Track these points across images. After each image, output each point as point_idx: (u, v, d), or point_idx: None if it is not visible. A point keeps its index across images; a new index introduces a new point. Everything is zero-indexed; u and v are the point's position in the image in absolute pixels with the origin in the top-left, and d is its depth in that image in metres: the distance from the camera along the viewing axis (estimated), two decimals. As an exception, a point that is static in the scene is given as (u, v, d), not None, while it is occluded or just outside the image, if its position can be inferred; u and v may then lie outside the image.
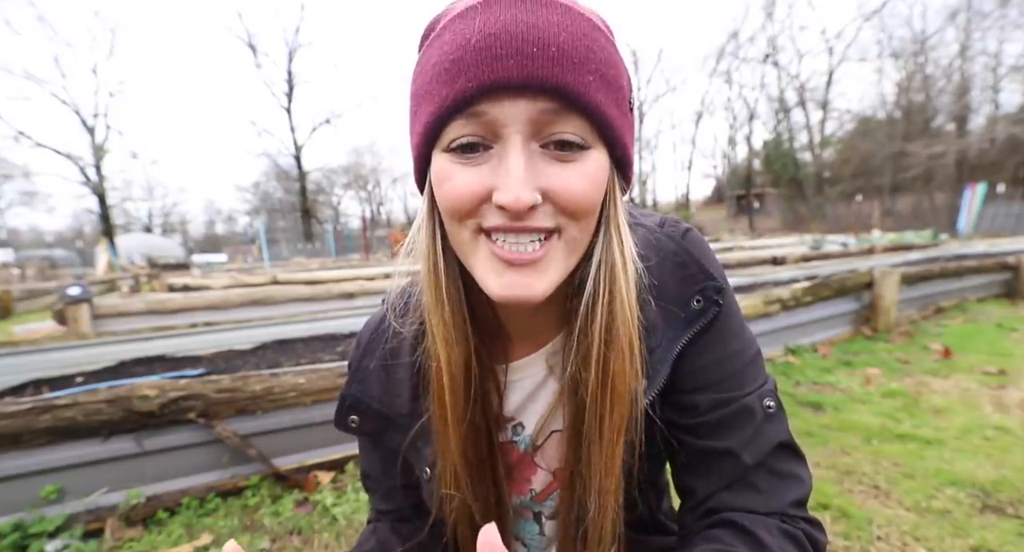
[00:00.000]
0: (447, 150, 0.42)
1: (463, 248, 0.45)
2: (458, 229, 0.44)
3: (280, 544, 1.61)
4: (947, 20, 23.79)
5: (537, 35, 0.37)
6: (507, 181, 0.39)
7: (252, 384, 1.85)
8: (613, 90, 0.42)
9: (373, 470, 0.65)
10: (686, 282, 0.51)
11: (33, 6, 27.76)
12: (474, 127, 0.40)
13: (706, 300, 0.50)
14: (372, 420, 0.59)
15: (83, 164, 26.22)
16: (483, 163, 0.41)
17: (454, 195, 0.42)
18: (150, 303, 5.11)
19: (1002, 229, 16.57)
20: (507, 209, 0.39)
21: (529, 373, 0.57)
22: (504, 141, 0.40)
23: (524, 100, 0.38)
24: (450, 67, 0.39)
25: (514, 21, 0.37)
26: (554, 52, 0.38)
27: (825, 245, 10.34)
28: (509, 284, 0.42)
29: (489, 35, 0.37)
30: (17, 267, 16.44)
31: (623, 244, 0.46)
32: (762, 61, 31.37)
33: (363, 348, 0.60)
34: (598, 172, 0.42)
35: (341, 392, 0.60)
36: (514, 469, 0.60)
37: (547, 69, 0.37)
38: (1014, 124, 20.17)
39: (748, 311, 3.11)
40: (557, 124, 0.40)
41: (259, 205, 39.00)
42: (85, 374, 2.54)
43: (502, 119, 0.39)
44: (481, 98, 0.38)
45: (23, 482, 1.63)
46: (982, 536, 1.47)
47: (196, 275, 10.75)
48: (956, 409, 2.41)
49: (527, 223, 0.41)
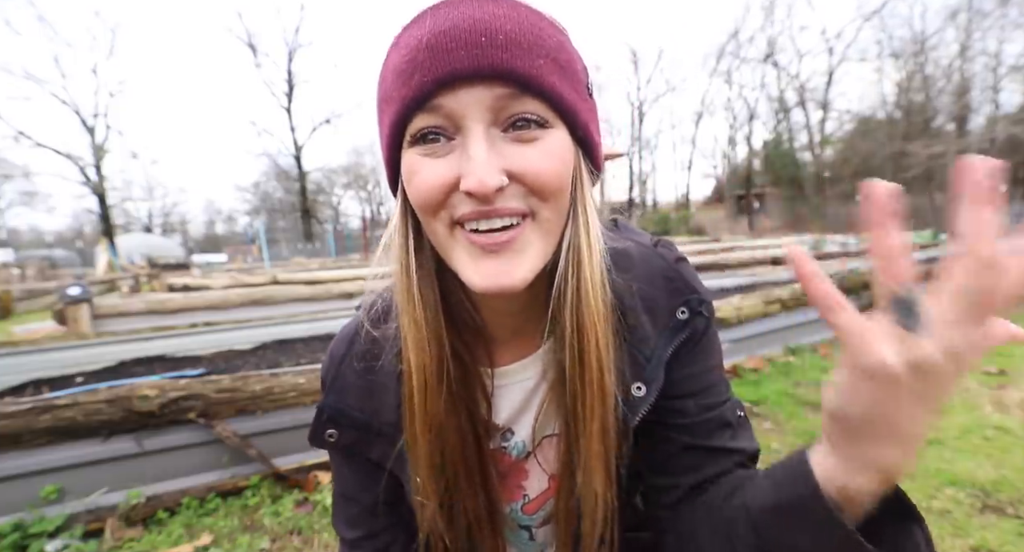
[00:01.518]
0: (412, 145, 0.43)
1: (441, 243, 0.45)
2: (433, 223, 0.44)
3: (280, 544, 1.61)
4: (947, 20, 23.80)
5: (484, 27, 0.39)
6: (471, 166, 0.40)
7: (252, 384, 1.85)
8: (567, 74, 0.43)
9: (349, 489, 0.61)
10: (673, 295, 0.53)
11: (33, 6, 27.75)
12: (435, 119, 0.41)
13: (691, 311, 0.53)
14: (353, 431, 0.56)
15: (83, 164, 26.24)
16: (448, 153, 0.42)
17: (423, 187, 0.42)
18: (150, 303, 5.11)
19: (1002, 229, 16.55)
20: (475, 194, 0.40)
21: (519, 379, 0.56)
22: (465, 130, 0.41)
23: (479, 88, 0.40)
24: (406, 68, 0.41)
25: (461, 17, 0.40)
26: (502, 40, 0.39)
27: (825, 245, 10.34)
28: (489, 274, 0.43)
29: (439, 33, 0.39)
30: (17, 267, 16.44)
31: (589, 226, 0.47)
32: (762, 61, 31.39)
33: (339, 358, 0.57)
34: (561, 150, 0.43)
35: (317, 405, 0.56)
36: (506, 476, 0.59)
37: (496, 56, 0.39)
38: (1014, 124, 20.17)
39: (748, 311, 3.12)
40: (514, 107, 0.41)
41: (259, 205, 39.01)
42: (85, 374, 2.54)
43: (460, 109, 0.40)
44: (438, 91, 0.40)
45: (23, 482, 1.63)
46: (982, 536, 1.47)
47: (196, 275, 10.76)
48: (956, 409, 2.41)
49: (498, 206, 0.42)
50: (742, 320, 3.10)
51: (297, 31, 30.25)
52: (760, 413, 2.46)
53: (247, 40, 29.10)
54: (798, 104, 30.35)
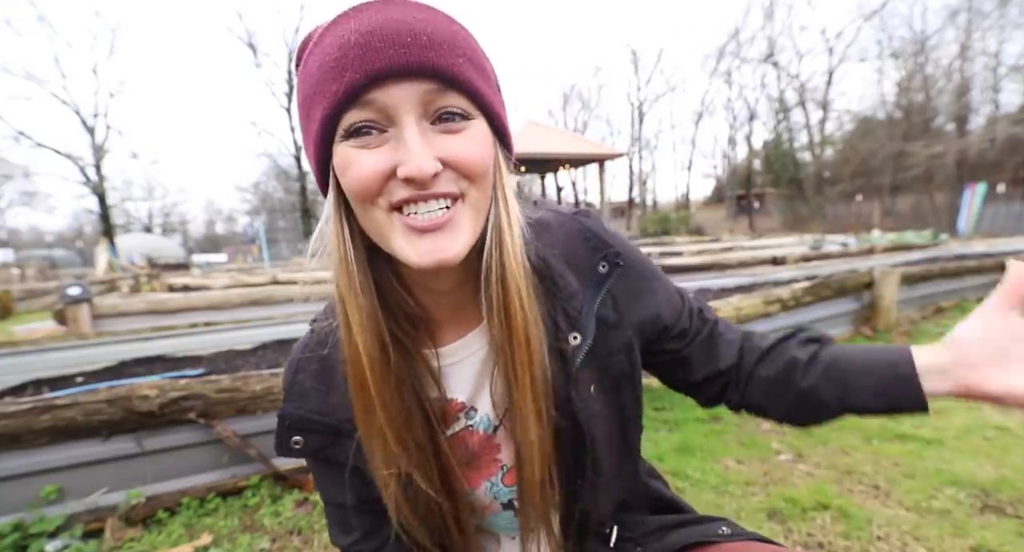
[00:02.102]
0: (345, 138, 0.45)
1: (378, 229, 0.47)
2: (371, 210, 0.46)
3: (280, 544, 1.61)
4: (947, 20, 23.79)
5: (408, 29, 0.43)
6: (409, 155, 0.43)
7: (252, 384, 1.85)
8: (480, 71, 0.48)
9: (332, 493, 0.61)
10: (592, 252, 0.60)
11: (33, 6, 27.72)
12: (367, 114, 0.44)
13: (609, 264, 0.59)
14: (317, 436, 0.57)
15: (83, 164, 26.18)
16: (381, 145, 0.45)
17: (360, 176, 0.44)
18: (150, 303, 5.11)
19: (1002, 229, 16.57)
20: (414, 179, 0.43)
21: (467, 354, 0.59)
22: (398, 122, 0.44)
23: (408, 83, 0.43)
24: (335, 65, 0.43)
25: (386, 19, 0.43)
26: (425, 41, 0.43)
27: (825, 245, 10.34)
28: (427, 251, 0.46)
29: (367, 33, 0.42)
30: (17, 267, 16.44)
31: (508, 205, 0.52)
32: (762, 61, 31.38)
33: (295, 366, 0.59)
34: (483, 138, 0.48)
35: (278, 414, 0.58)
36: (479, 455, 0.61)
37: (423, 55, 0.43)
38: (1014, 124, 20.15)
39: (748, 311, 3.12)
40: (440, 101, 0.45)
41: (259, 205, 38.98)
42: (85, 374, 2.54)
43: (392, 103, 0.43)
44: (370, 87, 0.43)
45: (23, 482, 1.63)
46: (982, 536, 1.47)
47: (196, 275, 10.76)
48: (956, 409, 2.41)
49: (434, 190, 0.45)
50: (742, 320, 3.10)
51: (297, 31, 30.24)
52: (760, 413, 2.47)
53: (247, 40, 29.07)
54: (798, 104, 30.34)
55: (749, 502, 1.71)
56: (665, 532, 0.68)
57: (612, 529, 0.68)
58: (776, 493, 1.75)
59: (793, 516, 1.62)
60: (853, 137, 28.65)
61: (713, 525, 0.67)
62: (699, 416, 2.42)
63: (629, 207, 33.68)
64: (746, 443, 2.15)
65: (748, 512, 1.66)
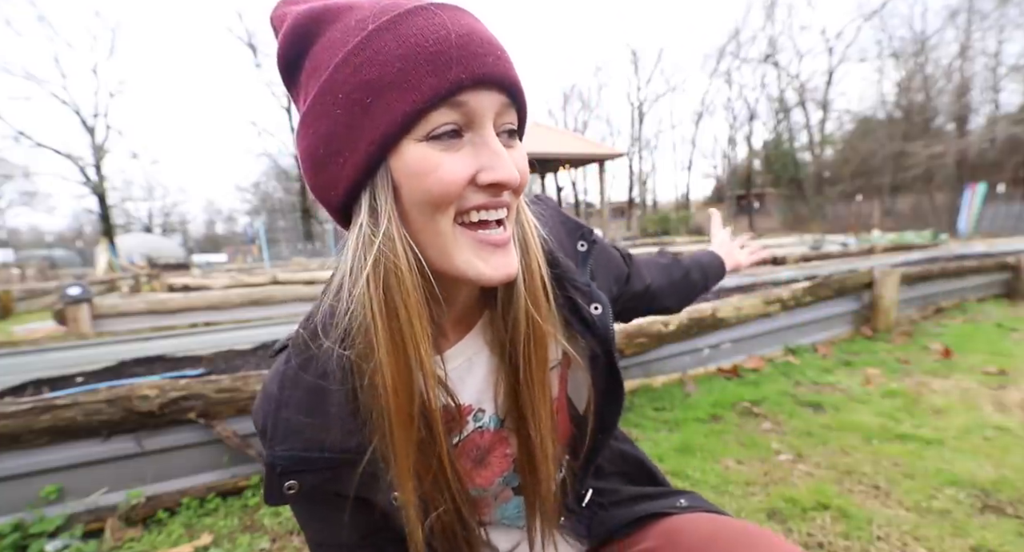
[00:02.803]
0: (427, 139, 0.43)
1: (441, 241, 0.46)
2: (439, 219, 0.45)
3: (280, 544, 1.61)
4: (947, 20, 23.78)
5: (492, 39, 0.44)
6: (498, 161, 0.44)
7: (252, 384, 1.85)
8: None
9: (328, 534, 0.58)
10: (571, 234, 0.68)
11: (33, 6, 27.74)
12: (456, 115, 0.43)
13: (588, 243, 0.68)
14: (315, 474, 0.52)
15: (83, 164, 26.22)
16: (460, 149, 0.44)
17: (447, 180, 0.43)
18: (150, 303, 5.11)
19: (1002, 229, 16.56)
20: (505, 185, 0.45)
21: (467, 356, 0.58)
22: (480, 128, 0.45)
23: (495, 93, 0.44)
24: (433, 58, 0.41)
25: (472, 24, 0.44)
26: (508, 56, 0.45)
27: (825, 245, 10.33)
28: (498, 265, 0.47)
29: (465, 34, 0.42)
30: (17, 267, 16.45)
31: (527, 215, 0.55)
32: (762, 61, 31.37)
33: (275, 401, 0.52)
34: (525, 155, 0.50)
35: (266, 460, 0.51)
36: (490, 452, 0.61)
37: (509, 69, 0.45)
38: (1014, 124, 20.14)
39: (748, 311, 3.12)
40: (507, 115, 0.47)
41: (259, 205, 38.95)
42: (85, 374, 2.54)
43: (480, 109, 0.44)
44: (467, 89, 0.42)
45: (23, 482, 1.63)
46: (982, 536, 1.47)
47: (196, 275, 10.75)
48: (956, 409, 2.41)
49: (502, 199, 0.47)
50: (742, 320, 3.10)
51: (297, 31, 30.12)
52: (760, 413, 2.46)
53: (247, 40, 29.11)
54: (798, 104, 30.34)
55: (749, 502, 1.71)
56: (633, 502, 0.71)
57: (587, 491, 0.71)
58: (776, 493, 1.75)
59: (793, 516, 1.62)
60: (853, 137, 28.64)
61: (673, 498, 0.70)
62: (699, 416, 2.42)
63: (629, 207, 33.69)
64: (746, 443, 2.15)
65: (748, 512, 1.66)
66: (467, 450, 0.59)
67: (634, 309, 0.84)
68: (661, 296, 0.85)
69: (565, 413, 0.65)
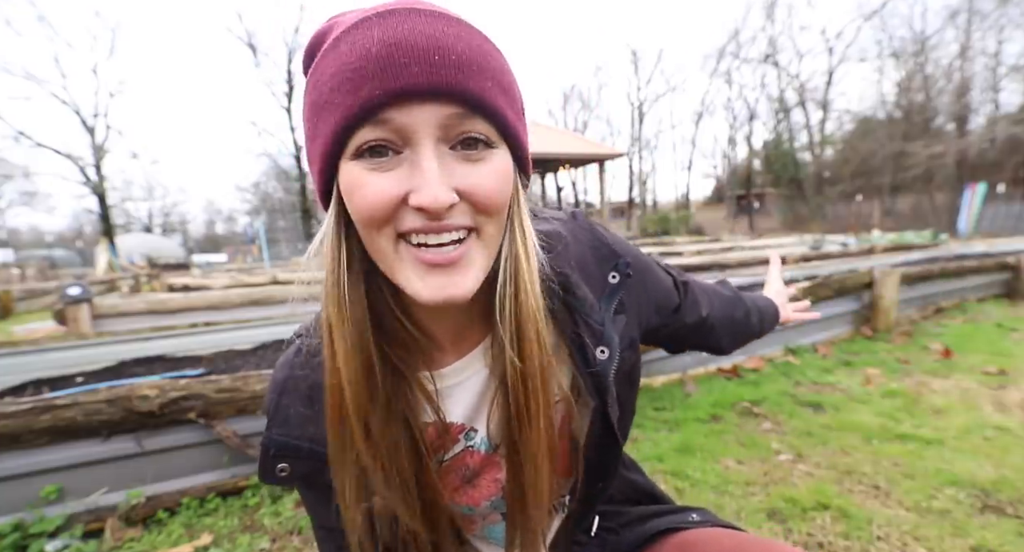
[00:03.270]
0: (356, 157, 0.42)
1: (384, 257, 0.44)
2: (376, 237, 0.43)
3: (280, 544, 1.61)
4: (947, 20, 23.79)
5: (437, 44, 0.39)
6: (423, 182, 0.40)
7: (252, 384, 1.84)
8: (509, 96, 0.45)
9: (323, 518, 0.59)
10: (602, 262, 0.60)
11: (33, 6, 27.72)
12: (382, 133, 0.40)
13: (621, 275, 0.60)
14: (304, 462, 0.54)
15: (83, 164, 26.17)
16: (394, 168, 0.41)
17: (371, 200, 0.41)
18: (150, 303, 5.11)
19: (1002, 229, 16.56)
20: (427, 210, 0.40)
21: (468, 375, 0.56)
22: (415, 145, 0.41)
23: (431, 105, 0.40)
24: (352, 76, 0.39)
25: (412, 31, 0.39)
26: (455, 60, 0.39)
27: (825, 245, 10.33)
28: (437, 286, 0.43)
29: (390, 44, 0.38)
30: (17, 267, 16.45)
31: (526, 237, 0.50)
32: (762, 61, 31.37)
33: (279, 386, 0.55)
34: (504, 169, 0.45)
35: (262, 441, 0.54)
36: (480, 473, 0.60)
37: (451, 75, 0.39)
38: (1014, 124, 20.14)
39: (748, 311, 3.11)
40: (463, 126, 0.42)
41: (259, 205, 38.98)
42: (85, 374, 2.53)
43: (411, 125, 0.40)
44: (388, 105, 0.39)
45: (23, 482, 1.63)
46: (982, 536, 1.47)
47: (196, 275, 10.76)
48: (956, 409, 2.41)
49: (446, 222, 0.42)
50: (742, 320, 3.10)
51: (297, 31, 30.25)
52: (760, 413, 2.46)
53: (247, 40, 29.07)
54: (798, 104, 30.35)
55: (749, 502, 1.71)
56: (643, 521, 0.70)
57: (594, 519, 0.70)
58: (776, 493, 1.75)
59: (793, 516, 1.62)
60: (853, 137, 28.64)
61: (685, 514, 0.70)
62: (699, 416, 2.42)
63: (629, 207, 33.67)
64: (746, 443, 2.15)
65: (748, 512, 1.66)
66: (456, 467, 0.59)
67: (684, 339, 0.78)
68: (718, 332, 0.79)
69: (566, 450, 0.61)
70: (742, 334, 0.85)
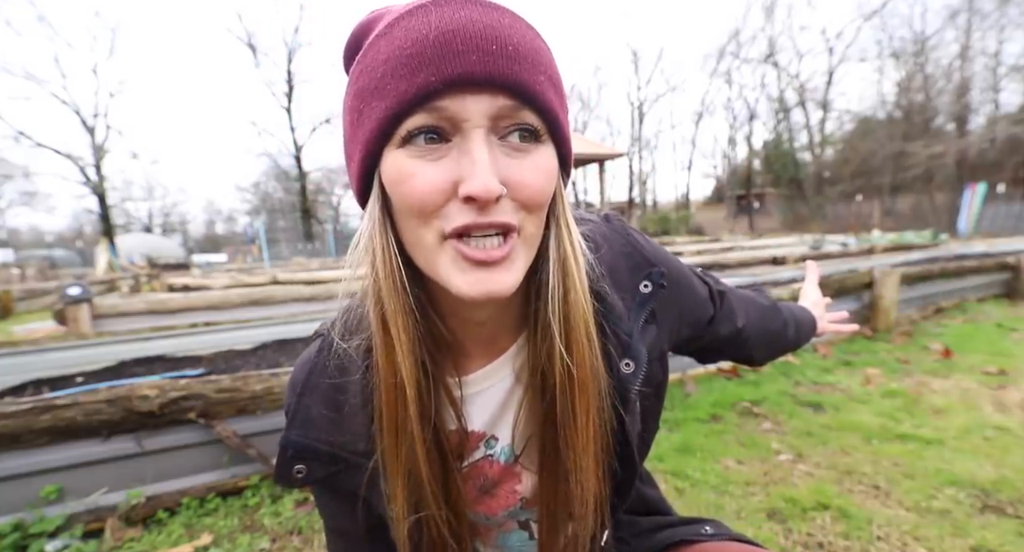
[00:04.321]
0: (405, 144, 0.41)
1: (426, 252, 0.43)
2: (423, 231, 0.42)
3: (280, 544, 1.61)
4: (947, 20, 23.78)
5: (494, 34, 0.39)
6: (474, 170, 0.39)
7: (252, 384, 1.84)
8: (558, 92, 0.44)
9: (336, 521, 0.58)
10: (634, 270, 0.57)
11: (33, 6, 27.74)
12: (434, 120, 0.40)
13: (653, 284, 0.57)
14: (323, 465, 0.52)
15: (83, 164, 26.23)
16: (443, 157, 0.41)
17: (420, 191, 0.40)
18: (150, 303, 5.11)
19: (1002, 229, 16.56)
20: (476, 199, 0.39)
21: (492, 383, 0.55)
22: (465, 134, 0.40)
23: (485, 95, 0.39)
24: (408, 61, 0.38)
25: (469, 20, 0.38)
26: (511, 51, 0.39)
27: (825, 245, 10.34)
28: (478, 280, 0.42)
29: (447, 31, 0.38)
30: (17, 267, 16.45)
31: (572, 237, 0.48)
32: (762, 61, 31.38)
33: (301, 386, 0.53)
34: (549, 165, 0.44)
35: (280, 441, 0.52)
36: (499, 483, 0.59)
37: (507, 66, 0.39)
38: (1014, 124, 20.14)
39: (748, 311, 3.11)
40: (515, 117, 0.41)
41: (259, 205, 38.97)
42: (85, 374, 2.53)
43: (464, 114, 0.39)
44: (443, 93, 0.38)
45: (23, 482, 1.63)
46: (982, 536, 1.47)
47: (196, 275, 10.75)
48: (956, 409, 2.41)
49: (493, 218, 0.41)
50: (742, 320, 3.10)
51: (297, 31, 30.29)
52: (760, 413, 2.46)
53: (247, 40, 29.08)
54: (798, 104, 30.36)
55: (749, 502, 1.71)
56: (654, 532, 0.70)
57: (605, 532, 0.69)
58: (776, 493, 1.75)
59: (793, 516, 1.62)
60: (853, 137, 28.64)
61: (698, 525, 0.69)
62: (699, 416, 2.42)
63: (629, 207, 33.64)
64: (746, 443, 2.15)
65: (748, 512, 1.66)
66: (473, 476, 0.58)
67: (717, 351, 0.75)
68: (752, 344, 0.76)
69: None
70: (777, 346, 0.81)
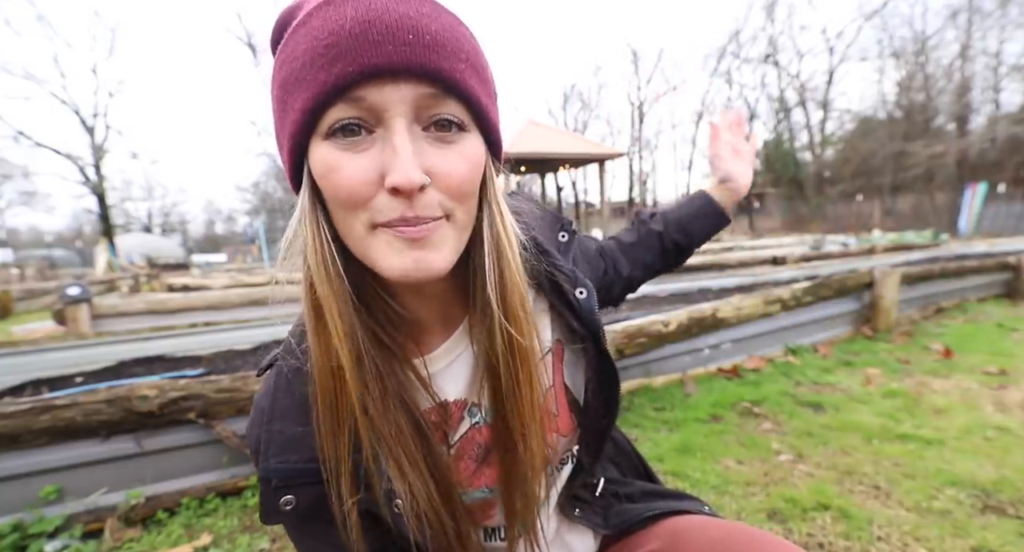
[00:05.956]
0: (329, 136, 0.41)
1: (358, 239, 0.44)
2: (352, 221, 0.43)
3: (280, 544, 1.61)
4: (947, 20, 23.77)
5: (411, 24, 0.39)
6: (396, 161, 0.40)
7: (252, 384, 1.84)
8: (482, 79, 0.45)
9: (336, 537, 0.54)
10: (551, 225, 0.67)
11: (33, 6, 27.75)
12: (355, 111, 0.40)
13: (568, 233, 0.68)
14: (311, 488, 0.50)
15: (83, 164, 26.20)
16: (368, 148, 0.41)
17: (347, 183, 0.41)
18: (150, 303, 5.11)
19: (1003, 229, 16.56)
20: (400, 190, 0.40)
21: (457, 352, 0.57)
22: (387, 124, 0.40)
23: (405, 84, 0.40)
24: (324, 52, 0.39)
25: (386, 9, 0.39)
26: (429, 40, 0.39)
27: (825, 245, 10.34)
28: (410, 260, 0.43)
29: (364, 22, 0.38)
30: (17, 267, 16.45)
31: (504, 219, 0.50)
32: (762, 61, 31.37)
33: (267, 414, 0.52)
34: (475, 154, 0.45)
35: (260, 475, 0.50)
36: (492, 449, 0.59)
37: (424, 55, 0.39)
38: (1015, 124, 20.11)
39: (748, 311, 3.11)
40: (436, 107, 0.41)
41: (259, 205, 39.01)
42: (84, 374, 2.53)
43: (383, 103, 0.40)
44: (361, 83, 0.39)
45: (23, 482, 1.62)
46: (983, 536, 1.47)
47: (196, 275, 10.76)
48: (956, 409, 2.41)
49: (420, 213, 0.42)
50: (742, 320, 3.10)
51: (297, 31, 30.15)
52: (760, 413, 2.46)
53: (247, 40, 29.10)
54: (798, 104, 30.34)
55: (749, 502, 1.71)
56: (643, 498, 0.71)
57: (599, 480, 0.71)
58: (776, 493, 1.74)
59: (793, 516, 1.62)
60: (853, 137, 28.62)
61: (697, 502, 0.71)
62: (699, 416, 2.41)
63: (629, 207, 33.68)
64: (746, 443, 2.15)
65: (748, 512, 1.66)
66: (468, 449, 0.58)
67: (620, 295, 0.84)
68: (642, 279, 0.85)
69: (564, 402, 0.64)
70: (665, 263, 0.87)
